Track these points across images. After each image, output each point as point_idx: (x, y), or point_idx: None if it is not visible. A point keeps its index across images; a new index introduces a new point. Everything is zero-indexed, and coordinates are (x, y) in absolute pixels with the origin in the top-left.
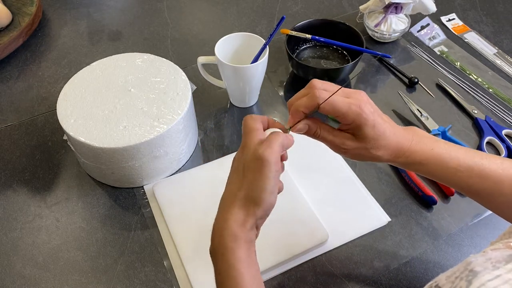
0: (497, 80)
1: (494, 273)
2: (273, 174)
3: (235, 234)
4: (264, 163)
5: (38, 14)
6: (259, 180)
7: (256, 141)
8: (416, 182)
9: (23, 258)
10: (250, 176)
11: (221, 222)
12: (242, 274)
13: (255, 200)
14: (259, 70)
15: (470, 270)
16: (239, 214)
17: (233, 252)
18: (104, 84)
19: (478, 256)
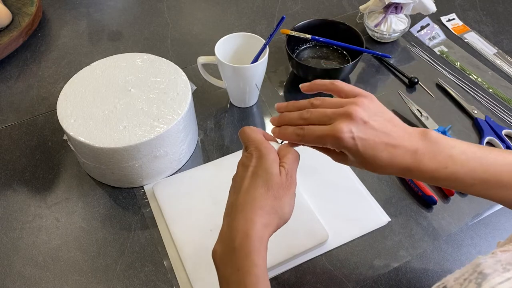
0: (497, 80)
1: (505, 275)
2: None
3: (261, 236)
4: (292, 184)
5: (38, 14)
6: (288, 197)
7: (274, 156)
8: (416, 182)
9: (23, 258)
10: (280, 192)
11: (245, 223)
12: (264, 273)
13: (283, 216)
14: (259, 70)
15: (479, 272)
16: (265, 219)
17: (259, 253)
18: (104, 84)
19: (488, 258)
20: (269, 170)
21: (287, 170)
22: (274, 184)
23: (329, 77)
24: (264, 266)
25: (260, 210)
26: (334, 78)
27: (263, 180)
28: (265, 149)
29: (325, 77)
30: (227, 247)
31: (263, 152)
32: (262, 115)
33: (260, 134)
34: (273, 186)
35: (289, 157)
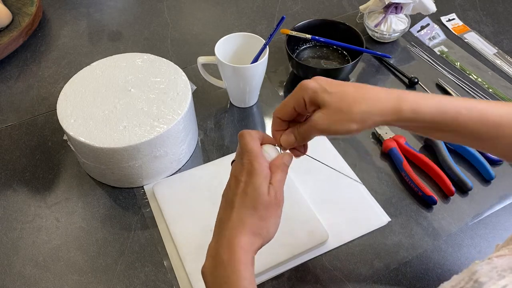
0: (497, 80)
1: (500, 283)
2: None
3: (247, 251)
4: (279, 204)
5: (38, 14)
6: (273, 218)
7: (266, 173)
8: (416, 182)
9: (23, 258)
10: (266, 213)
11: (233, 240)
12: (252, 286)
13: (267, 236)
14: (259, 70)
15: (475, 280)
16: (251, 239)
17: (246, 266)
18: (104, 84)
19: (484, 264)
20: (258, 190)
21: (276, 189)
22: (261, 204)
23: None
24: (252, 279)
25: (247, 230)
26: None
27: (251, 200)
28: (258, 165)
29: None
30: (216, 262)
31: (255, 168)
32: (262, 115)
33: (257, 144)
34: (260, 206)
35: (278, 175)
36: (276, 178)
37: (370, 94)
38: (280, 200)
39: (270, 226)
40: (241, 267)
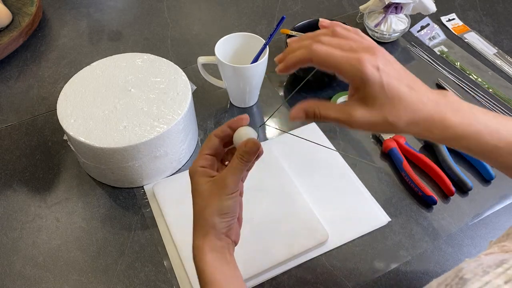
0: (497, 80)
1: (484, 279)
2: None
3: (197, 245)
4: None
5: (38, 14)
6: (210, 207)
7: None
8: (416, 182)
9: (23, 258)
10: (202, 202)
11: (193, 241)
12: (212, 274)
13: (207, 222)
14: (259, 70)
15: (460, 277)
16: (198, 232)
17: (199, 259)
18: (104, 84)
19: (471, 262)
20: (194, 187)
21: (218, 177)
22: (196, 198)
23: (328, 77)
24: (214, 269)
25: (195, 227)
26: (334, 78)
27: (193, 199)
28: (191, 173)
29: (325, 77)
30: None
31: (191, 176)
32: (262, 115)
33: (202, 153)
34: (196, 200)
35: (233, 162)
36: (230, 164)
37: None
38: (222, 186)
39: (208, 214)
40: (199, 263)
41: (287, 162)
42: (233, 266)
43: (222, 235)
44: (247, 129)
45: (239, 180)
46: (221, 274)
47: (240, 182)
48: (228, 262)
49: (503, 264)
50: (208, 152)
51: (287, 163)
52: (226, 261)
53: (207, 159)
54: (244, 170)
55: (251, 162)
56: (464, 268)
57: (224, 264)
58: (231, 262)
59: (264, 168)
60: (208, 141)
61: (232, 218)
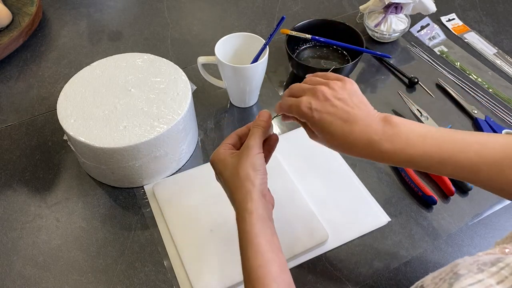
0: (497, 80)
1: (477, 277)
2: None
3: (246, 208)
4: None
5: (38, 14)
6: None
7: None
8: (416, 182)
9: (23, 258)
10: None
11: (234, 207)
12: (257, 238)
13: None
14: (259, 70)
15: (454, 272)
16: (244, 195)
17: (249, 221)
18: (104, 84)
19: (468, 258)
20: (222, 166)
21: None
22: (226, 172)
23: None
24: (259, 235)
25: (237, 195)
26: None
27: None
28: (215, 158)
29: None
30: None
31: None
32: None
33: (224, 143)
34: (227, 174)
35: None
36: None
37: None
38: (248, 148)
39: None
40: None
41: (287, 162)
42: (272, 231)
43: (260, 193)
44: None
45: (260, 144)
46: (262, 238)
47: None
48: (270, 226)
49: (498, 263)
50: (229, 142)
51: (287, 163)
52: (268, 225)
53: (228, 147)
54: (262, 135)
55: (266, 128)
56: (460, 264)
57: (267, 228)
58: (270, 227)
59: None
60: (229, 136)
61: (264, 175)
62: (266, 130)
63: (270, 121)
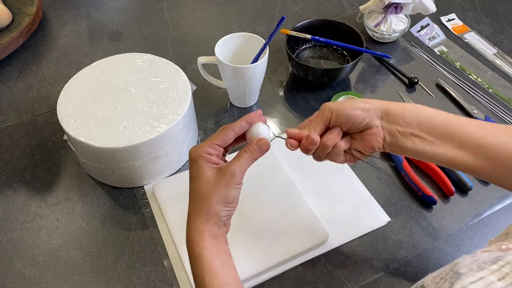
0: (497, 80)
1: (478, 275)
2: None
3: (197, 228)
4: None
5: (38, 14)
6: (214, 195)
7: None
8: (416, 182)
9: (23, 258)
10: (204, 193)
11: (189, 224)
12: (210, 260)
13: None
14: (259, 70)
15: (455, 271)
16: (202, 216)
17: (198, 243)
18: (104, 84)
19: (467, 257)
20: (197, 170)
21: (226, 167)
22: (199, 182)
23: (329, 77)
24: (211, 252)
25: (195, 210)
26: (334, 78)
27: (195, 182)
28: (195, 156)
29: (325, 77)
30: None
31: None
32: None
33: (212, 142)
34: (198, 184)
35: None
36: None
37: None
38: (230, 175)
39: (210, 203)
40: (195, 245)
41: (287, 162)
42: (228, 254)
43: (222, 223)
44: (263, 127)
45: (244, 173)
46: (217, 261)
47: None
48: (224, 250)
49: (498, 261)
50: (219, 143)
51: (287, 163)
52: (223, 248)
53: (215, 148)
54: (250, 162)
55: (256, 158)
56: (460, 263)
57: (221, 251)
58: (226, 251)
59: (264, 168)
60: (223, 133)
61: (234, 208)
62: (254, 161)
63: (266, 151)
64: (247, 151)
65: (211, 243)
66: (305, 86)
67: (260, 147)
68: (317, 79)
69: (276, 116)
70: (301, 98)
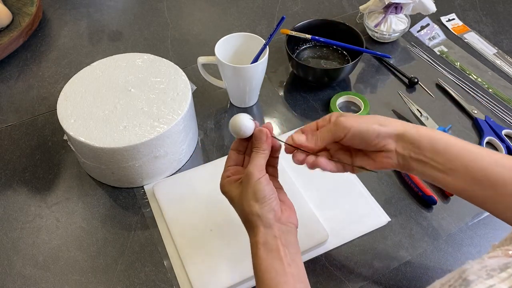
0: (497, 80)
1: (487, 282)
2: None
3: (251, 242)
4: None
5: (38, 14)
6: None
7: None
8: (416, 182)
9: (23, 258)
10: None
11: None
12: (264, 272)
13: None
14: (259, 70)
15: (464, 279)
16: (250, 229)
17: (255, 254)
18: (104, 84)
19: (475, 264)
20: (229, 197)
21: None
22: (234, 204)
23: (329, 77)
24: (265, 269)
25: (246, 228)
26: (334, 78)
27: (234, 207)
28: (221, 189)
29: (325, 77)
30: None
31: (223, 192)
32: (262, 115)
33: (225, 166)
34: (235, 206)
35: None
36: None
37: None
38: (248, 176)
39: (245, 208)
40: (254, 260)
41: (287, 162)
42: (286, 261)
43: (271, 221)
44: (241, 117)
45: (262, 167)
46: (271, 272)
47: (274, 178)
48: (281, 257)
49: (508, 269)
50: (230, 164)
51: (287, 163)
52: (279, 256)
53: (229, 169)
54: (263, 157)
55: (266, 150)
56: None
57: (276, 259)
58: (284, 257)
59: None
60: (229, 157)
61: (271, 201)
62: (267, 152)
63: (270, 140)
64: (253, 149)
65: (264, 252)
66: (305, 86)
67: (257, 137)
68: (317, 79)
69: (276, 116)
70: (301, 98)
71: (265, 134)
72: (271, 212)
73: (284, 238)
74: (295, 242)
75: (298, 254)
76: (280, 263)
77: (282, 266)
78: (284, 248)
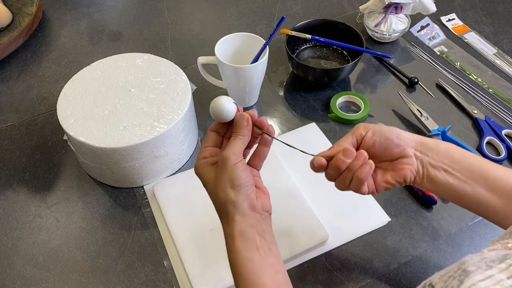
0: (497, 80)
1: (487, 273)
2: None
3: (226, 233)
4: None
5: (38, 14)
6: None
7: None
8: None
9: (23, 258)
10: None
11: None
12: (242, 266)
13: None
14: (259, 70)
15: (463, 269)
16: (224, 217)
17: (231, 248)
18: (104, 84)
19: (474, 256)
20: (202, 180)
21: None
22: (207, 187)
23: (329, 77)
24: (244, 263)
25: (219, 216)
26: (334, 78)
27: (206, 190)
28: (196, 169)
29: (325, 77)
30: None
31: (196, 173)
32: (262, 115)
33: (202, 147)
34: (208, 189)
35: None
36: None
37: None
38: (223, 160)
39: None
40: (231, 254)
41: (287, 162)
42: (263, 251)
43: (246, 210)
44: (222, 99)
45: (239, 152)
46: (249, 264)
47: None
48: (258, 247)
49: (506, 260)
50: (207, 145)
51: (287, 163)
52: (256, 245)
53: (206, 150)
54: (241, 143)
55: (245, 135)
56: (467, 261)
57: (254, 249)
58: (261, 246)
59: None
60: (206, 137)
61: (247, 188)
62: (247, 138)
63: (250, 126)
64: (232, 133)
65: (241, 244)
66: (305, 86)
67: (238, 124)
68: (317, 79)
69: (276, 116)
70: (301, 98)
71: (246, 119)
72: (246, 200)
73: (259, 227)
74: (270, 230)
75: (274, 242)
76: (257, 254)
77: (260, 257)
78: (261, 237)
